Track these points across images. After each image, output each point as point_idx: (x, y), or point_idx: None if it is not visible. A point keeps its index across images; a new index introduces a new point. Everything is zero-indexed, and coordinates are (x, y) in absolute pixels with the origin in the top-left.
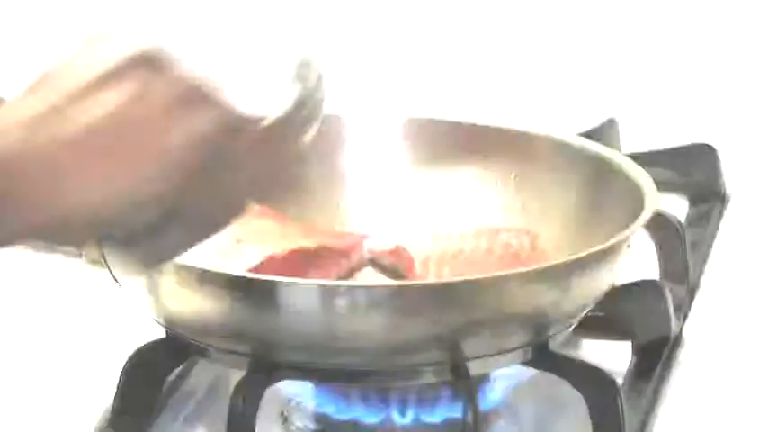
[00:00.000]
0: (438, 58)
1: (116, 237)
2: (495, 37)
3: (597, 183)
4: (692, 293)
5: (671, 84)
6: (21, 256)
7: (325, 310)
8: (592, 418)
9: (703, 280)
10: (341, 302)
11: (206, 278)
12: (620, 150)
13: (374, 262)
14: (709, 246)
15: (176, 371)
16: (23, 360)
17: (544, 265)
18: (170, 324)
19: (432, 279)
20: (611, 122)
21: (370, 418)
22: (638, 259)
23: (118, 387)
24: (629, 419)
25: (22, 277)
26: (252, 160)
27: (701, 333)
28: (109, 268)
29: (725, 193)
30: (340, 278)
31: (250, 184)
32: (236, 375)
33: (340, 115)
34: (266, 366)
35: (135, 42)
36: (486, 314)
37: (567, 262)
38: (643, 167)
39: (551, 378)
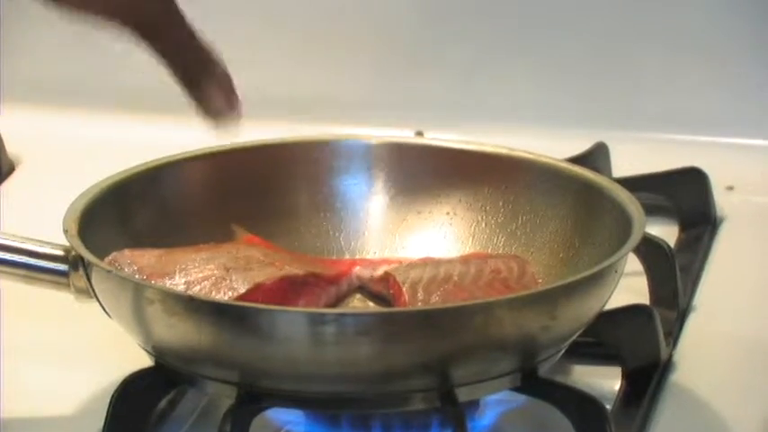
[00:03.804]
0: (426, 83)
1: None
2: (484, 60)
3: (586, 208)
4: (682, 318)
5: (661, 107)
6: (9, 287)
7: (314, 337)
8: None
9: (693, 304)
10: (329, 330)
11: (194, 306)
12: (610, 175)
13: (363, 289)
14: (700, 270)
15: (165, 400)
16: (12, 390)
17: (533, 290)
18: (158, 353)
19: (420, 306)
20: (600, 147)
21: None
22: (627, 284)
23: (107, 417)
24: None
25: (10, 307)
26: None
27: (691, 358)
28: (97, 297)
29: (715, 217)
30: (329, 306)
31: None
32: (226, 404)
33: (328, 142)
34: (255, 394)
35: None
36: (474, 340)
37: (555, 287)
38: (633, 192)
39: (541, 404)
